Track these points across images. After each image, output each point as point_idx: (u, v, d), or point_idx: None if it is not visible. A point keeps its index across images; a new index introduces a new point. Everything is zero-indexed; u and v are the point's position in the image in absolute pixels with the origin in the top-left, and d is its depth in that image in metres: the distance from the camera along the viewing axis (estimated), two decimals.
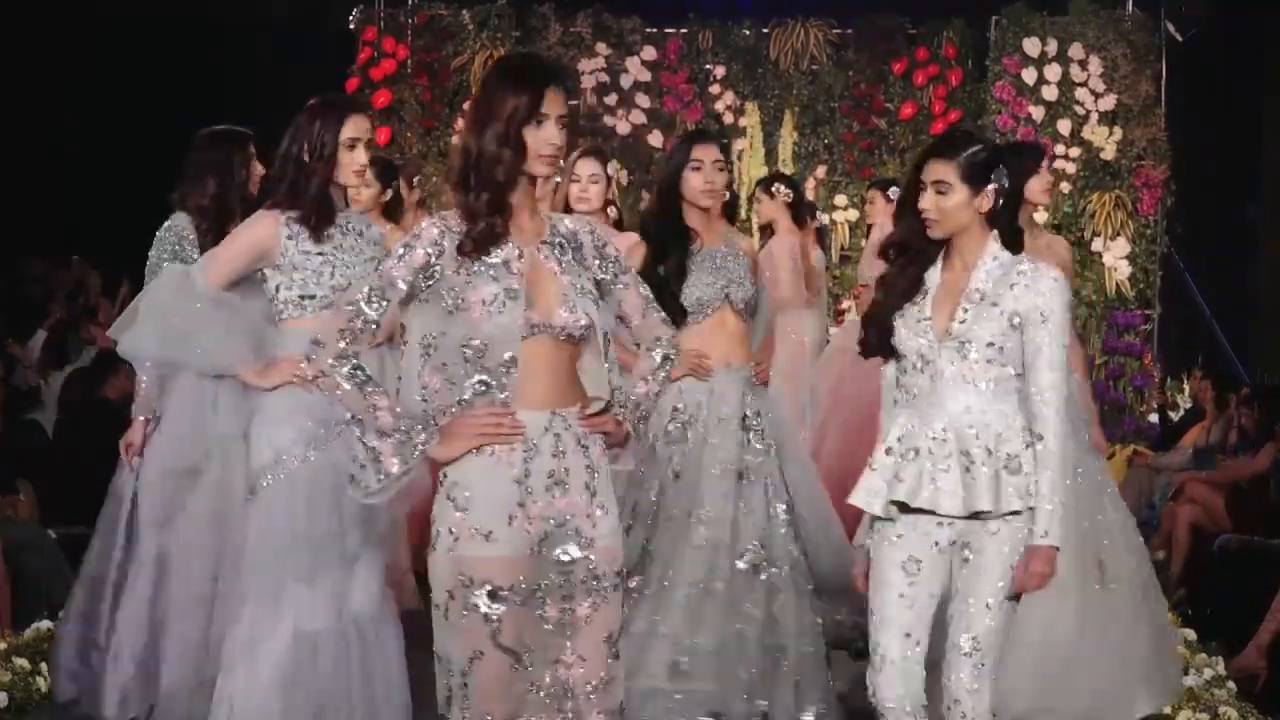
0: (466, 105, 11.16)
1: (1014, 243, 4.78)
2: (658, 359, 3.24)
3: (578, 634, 3.02)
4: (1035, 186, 4.84)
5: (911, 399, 3.47)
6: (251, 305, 4.07)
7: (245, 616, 3.91)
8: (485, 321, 2.97)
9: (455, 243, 3.01)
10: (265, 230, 4.01)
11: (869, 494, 3.47)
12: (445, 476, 3.05)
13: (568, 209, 5.10)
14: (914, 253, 3.52)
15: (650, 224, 4.57)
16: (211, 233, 4.67)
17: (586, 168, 5.15)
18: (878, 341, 3.52)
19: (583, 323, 3.04)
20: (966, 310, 3.43)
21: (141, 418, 4.58)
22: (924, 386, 3.44)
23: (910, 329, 3.47)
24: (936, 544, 3.46)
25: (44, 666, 5.23)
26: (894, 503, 3.44)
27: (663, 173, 4.71)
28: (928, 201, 3.44)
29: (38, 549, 6.39)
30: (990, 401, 3.43)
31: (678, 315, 4.39)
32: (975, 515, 3.41)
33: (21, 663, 5.21)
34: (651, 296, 3.26)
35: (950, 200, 3.44)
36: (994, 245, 3.50)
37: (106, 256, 10.10)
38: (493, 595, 2.97)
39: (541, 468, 3.01)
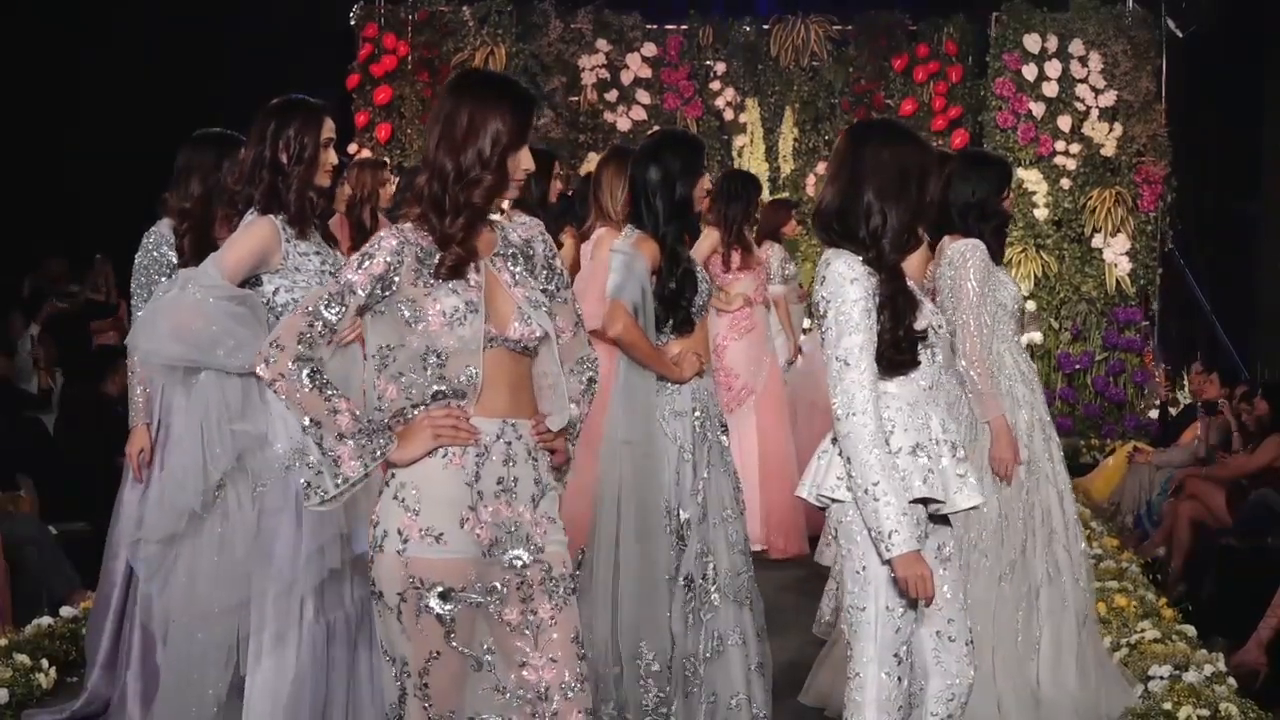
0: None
1: (998, 251, 4.84)
2: (584, 381, 3.23)
3: (544, 636, 3.00)
4: (1006, 203, 4.92)
5: (926, 391, 3.36)
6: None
7: (270, 608, 3.91)
8: (445, 334, 2.95)
9: (415, 255, 2.97)
10: (268, 234, 3.98)
11: (951, 493, 3.34)
12: (393, 477, 3.01)
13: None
14: (898, 266, 3.42)
15: (669, 233, 4.43)
16: (192, 234, 4.61)
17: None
18: (914, 354, 3.35)
19: (537, 334, 3.03)
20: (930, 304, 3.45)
21: (143, 424, 4.57)
22: (933, 378, 3.40)
23: (933, 328, 3.40)
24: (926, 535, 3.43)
25: (44, 662, 5.25)
26: (918, 500, 3.36)
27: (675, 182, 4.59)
28: None
29: (38, 545, 6.40)
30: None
31: (686, 325, 4.39)
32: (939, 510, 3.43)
33: (22, 659, 5.20)
34: (581, 318, 3.26)
35: None
36: None
37: (120, 255, 10.14)
38: (444, 596, 2.95)
39: (492, 473, 2.98)
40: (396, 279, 2.96)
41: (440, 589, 2.95)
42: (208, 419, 3.93)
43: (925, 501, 3.32)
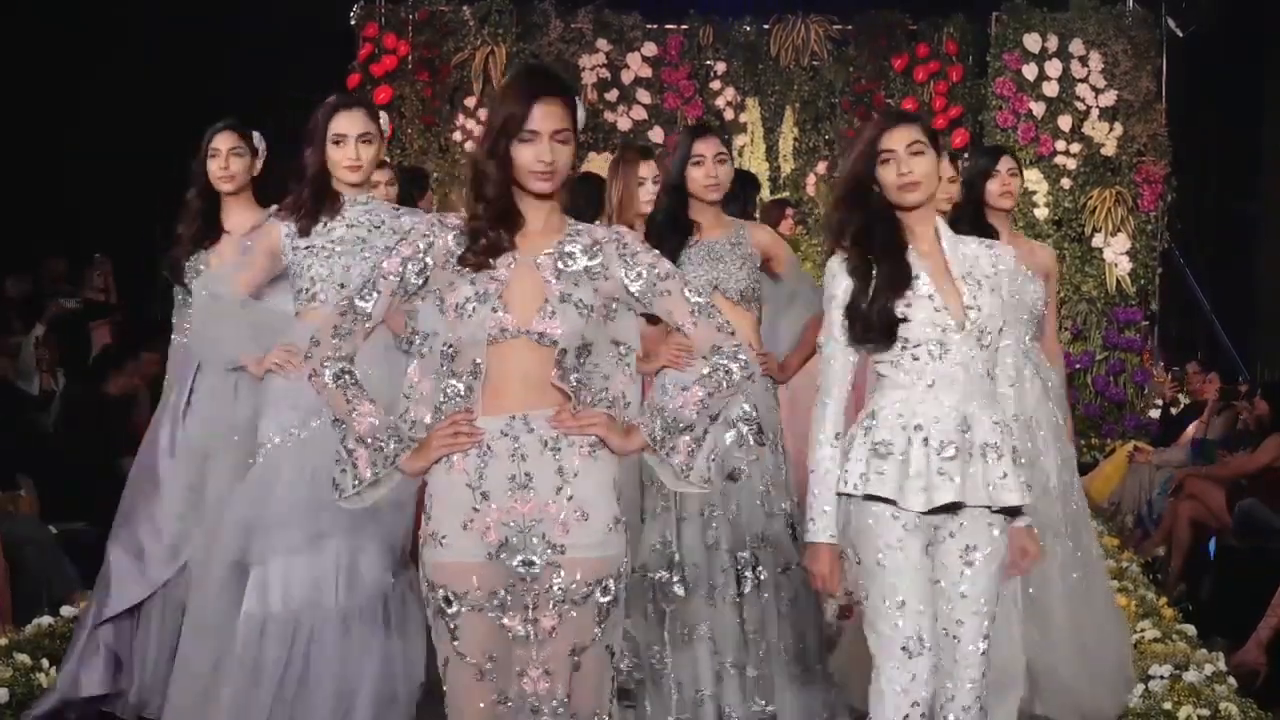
0: (467, 101, 11.23)
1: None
2: (706, 370, 3.05)
3: (543, 647, 2.94)
4: (993, 189, 4.85)
5: (925, 386, 3.36)
6: (270, 303, 4.29)
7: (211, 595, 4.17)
8: (458, 324, 2.96)
9: (451, 239, 3.00)
10: (272, 236, 4.21)
11: (898, 488, 3.33)
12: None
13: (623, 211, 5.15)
14: (878, 239, 3.42)
15: (653, 220, 4.56)
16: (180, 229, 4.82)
17: (650, 170, 5.15)
18: (883, 330, 3.37)
19: (559, 330, 2.95)
20: (975, 296, 3.39)
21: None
22: (944, 374, 3.36)
23: (928, 315, 3.37)
24: (935, 528, 3.39)
25: (45, 662, 5.24)
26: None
27: (667, 168, 4.69)
28: (907, 164, 3.36)
29: (38, 544, 6.40)
30: (992, 390, 3.43)
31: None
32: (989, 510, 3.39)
33: (22, 658, 5.20)
34: (704, 303, 3.06)
35: (928, 160, 3.39)
36: (941, 222, 3.50)
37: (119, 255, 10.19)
38: (449, 600, 2.96)
39: (499, 472, 2.94)
40: (429, 261, 2.99)
41: (445, 593, 2.96)
42: (228, 381, 4.38)
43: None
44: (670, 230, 4.52)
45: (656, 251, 3.10)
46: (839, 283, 3.40)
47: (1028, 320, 4.85)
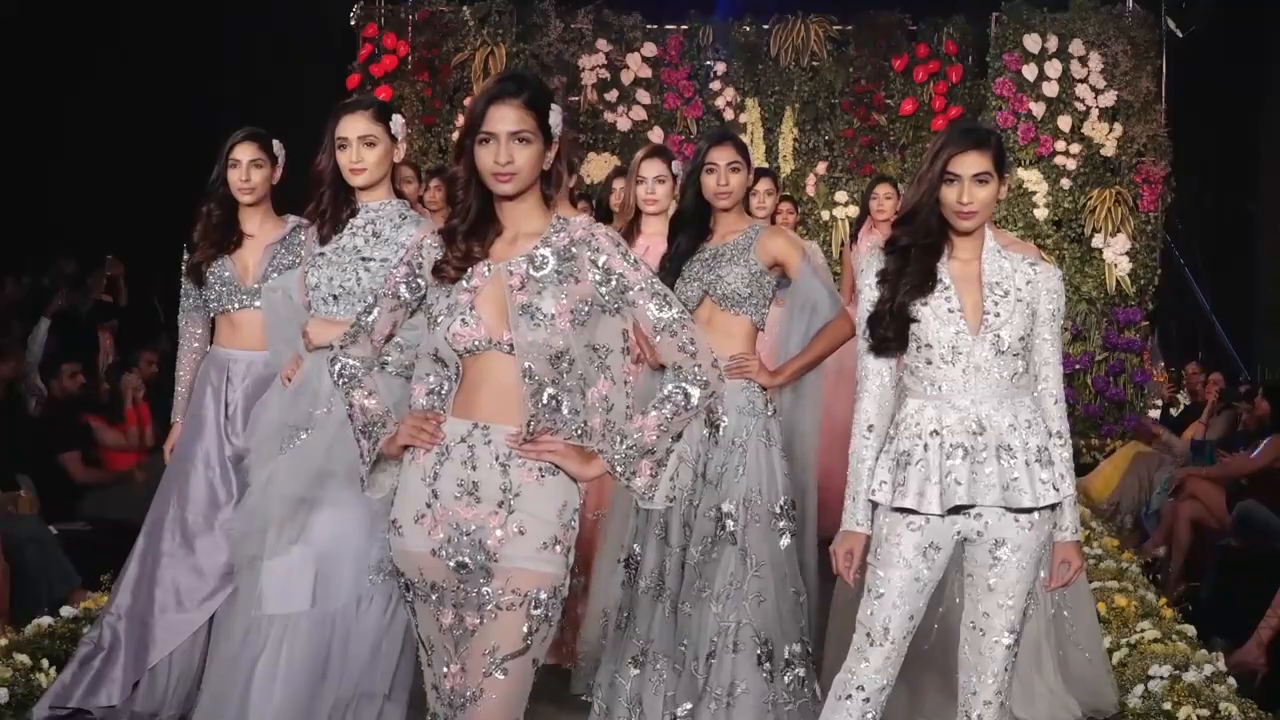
0: (467, 102, 11.21)
1: None
2: (664, 392, 3.03)
3: (462, 643, 3.02)
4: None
5: (937, 391, 3.45)
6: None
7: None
8: (435, 334, 3.05)
9: (435, 252, 3.06)
10: (309, 243, 4.32)
11: (919, 494, 3.41)
12: None
13: (636, 211, 5.15)
14: (923, 246, 3.50)
15: (674, 218, 4.68)
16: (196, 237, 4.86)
17: (652, 169, 5.13)
18: (897, 335, 3.47)
19: (515, 342, 2.97)
20: (996, 303, 3.45)
21: (179, 421, 4.92)
22: (955, 379, 3.44)
23: (941, 320, 3.44)
24: (958, 533, 3.47)
25: (45, 662, 5.24)
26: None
27: (687, 173, 4.77)
28: (970, 194, 3.43)
29: (39, 544, 6.40)
30: (1015, 394, 3.47)
31: None
32: (1007, 509, 3.44)
33: (22, 659, 5.19)
34: (669, 319, 3.01)
35: (989, 190, 3.46)
36: (989, 235, 3.54)
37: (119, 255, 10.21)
38: (407, 586, 3.10)
39: (451, 474, 3.00)
40: (421, 281, 3.09)
41: (404, 579, 3.11)
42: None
43: (962, 508, 3.44)
44: (686, 231, 4.57)
45: (633, 258, 3.06)
46: (868, 294, 3.51)
47: None
